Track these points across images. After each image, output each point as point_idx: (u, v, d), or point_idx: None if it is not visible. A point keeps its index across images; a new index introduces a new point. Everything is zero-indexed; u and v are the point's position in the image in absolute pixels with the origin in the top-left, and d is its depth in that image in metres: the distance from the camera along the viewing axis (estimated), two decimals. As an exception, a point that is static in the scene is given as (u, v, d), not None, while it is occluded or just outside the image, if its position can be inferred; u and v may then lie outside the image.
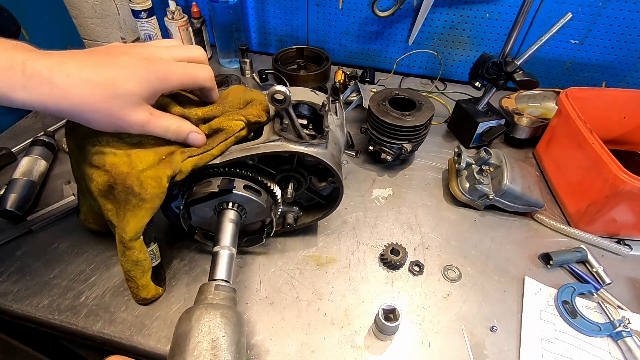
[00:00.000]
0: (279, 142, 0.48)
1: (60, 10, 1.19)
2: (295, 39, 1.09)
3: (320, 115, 0.54)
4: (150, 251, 0.50)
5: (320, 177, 0.55)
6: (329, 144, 0.51)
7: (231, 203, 0.49)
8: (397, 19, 0.97)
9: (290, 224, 0.59)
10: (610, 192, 0.57)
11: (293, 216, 0.60)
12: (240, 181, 0.49)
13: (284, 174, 0.54)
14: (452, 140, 0.85)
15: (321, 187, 0.56)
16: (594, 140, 0.60)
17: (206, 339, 0.33)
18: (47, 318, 0.51)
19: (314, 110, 0.55)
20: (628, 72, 0.92)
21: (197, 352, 0.32)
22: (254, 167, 0.51)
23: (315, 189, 0.58)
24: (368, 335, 0.51)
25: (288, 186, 0.54)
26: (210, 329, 0.34)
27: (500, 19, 0.91)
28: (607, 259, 0.62)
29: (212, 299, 0.38)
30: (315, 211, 0.61)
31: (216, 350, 0.33)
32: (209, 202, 0.49)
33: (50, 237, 0.61)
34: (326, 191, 0.59)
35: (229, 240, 0.46)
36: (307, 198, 0.61)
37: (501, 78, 0.72)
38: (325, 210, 0.60)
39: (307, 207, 0.62)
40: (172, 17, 1.02)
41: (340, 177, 0.52)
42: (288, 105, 0.45)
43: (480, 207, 0.68)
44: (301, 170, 0.54)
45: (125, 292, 0.54)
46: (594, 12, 0.85)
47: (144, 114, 0.43)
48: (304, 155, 0.50)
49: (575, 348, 0.50)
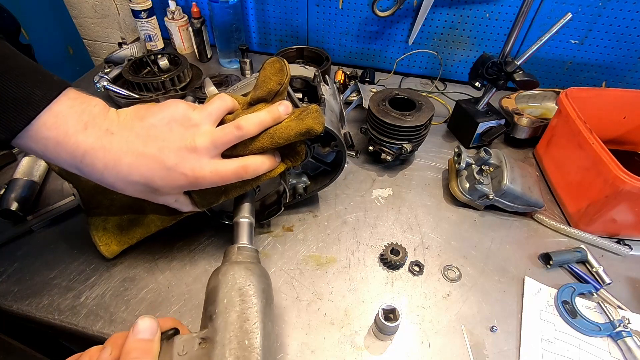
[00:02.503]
0: None
1: (60, 10, 1.19)
2: (295, 39, 1.09)
3: (313, 87, 0.57)
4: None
5: (323, 143, 0.58)
6: (327, 111, 0.54)
7: None
8: (397, 19, 0.97)
9: (301, 194, 0.64)
10: (610, 192, 0.57)
11: (302, 186, 0.64)
12: None
13: None
14: (452, 141, 0.85)
15: (325, 153, 0.59)
16: (593, 140, 0.60)
17: (234, 288, 0.36)
18: (47, 318, 0.51)
19: (306, 83, 0.58)
20: (628, 72, 0.92)
21: (226, 300, 0.35)
22: None
23: (319, 157, 0.62)
24: (368, 335, 0.51)
25: None
26: (236, 280, 0.37)
27: (500, 19, 0.91)
28: (607, 259, 0.62)
29: (236, 258, 0.41)
30: (322, 178, 0.65)
31: (244, 297, 0.36)
32: None
33: (50, 237, 0.61)
34: (330, 157, 0.63)
35: (247, 211, 0.49)
36: (313, 167, 0.64)
37: (501, 78, 0.72)
38: (332, 175, 0.64)
39: (314, 176, 0.66)
40: (172, 17, 1.02)
41: (342, 140, 0.56)
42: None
43: (480, 207, 0.68)
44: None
45: (125, 293, 0.54)
46: (594, 12, 0.85)
47: (169, 200, 0.47)
48: None
49: (575, 348, 0.50)
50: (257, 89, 0.48)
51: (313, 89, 0.58)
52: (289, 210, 0.66)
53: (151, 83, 0.86)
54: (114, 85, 0.86)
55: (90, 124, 0.39)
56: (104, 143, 0.39)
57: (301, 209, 0.67)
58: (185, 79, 0.92)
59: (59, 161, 0.39)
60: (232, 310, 0.34)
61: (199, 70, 0.98)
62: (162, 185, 0.42)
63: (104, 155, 0.39)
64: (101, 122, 0.40)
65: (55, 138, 0.37)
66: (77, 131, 0.38)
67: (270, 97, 0.47)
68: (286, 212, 0.66)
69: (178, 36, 1.06)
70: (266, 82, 0.47)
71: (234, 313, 0.34)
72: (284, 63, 0.47)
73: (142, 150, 0.40)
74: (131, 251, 0.58)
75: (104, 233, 0.56)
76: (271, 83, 0.47)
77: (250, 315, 0.34)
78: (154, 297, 0.54)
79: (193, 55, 1.09)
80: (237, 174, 0.45)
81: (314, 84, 0.57)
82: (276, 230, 0.64)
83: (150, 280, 0.56)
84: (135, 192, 0.43)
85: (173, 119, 0.42)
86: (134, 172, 0.41)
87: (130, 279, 0.56)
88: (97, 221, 0.56)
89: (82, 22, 1.27)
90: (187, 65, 0.93)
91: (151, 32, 1.06)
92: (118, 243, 0.56)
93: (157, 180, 0.42)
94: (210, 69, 1.05)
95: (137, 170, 0.41)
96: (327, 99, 0.57)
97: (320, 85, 0.56)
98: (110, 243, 0.56)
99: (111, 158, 0.39)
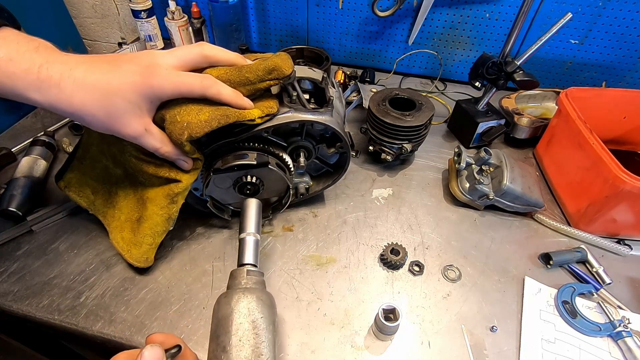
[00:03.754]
0: (290, 113, 0.52)
1: (61, 10, 1.19)
2: (295, 38, 1.09)
3: (321, 89, 0.58)
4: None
5: (328, 144, 0.60)
6: (334, 113, 0.56)
7: (255, 177, 0.54)
8: (397, 19, 0.97)
9: (303, 193, 0.64)
10: (610, 192, 0.57)
11: (304, 186, 0.65)
12: (271, 158, 0.55)
13: (294, 145, 0.58)
14: (452, 140, 0.85)
15: (330, 154, 0.61)
16: (594, 140, 0.60)
17: (247, 320, 0.37)
18: (47, 318, 0.51)
19: (314, 85, 0.59)
20: (628, 72, 0.92)
21: (240, 332, 0.36)
22: (267, 140, 0.55)
23: (323, 158, 0.63)
24: (368, 335, 0.51)
25: (299, 156, 0.58)
26: (249, 311, 0.38)
27: (500, 19, 0.91)
28: (607, 259, 0.62)
29: (246, 284, 0.42)
30: (325, 179, 0.67)
31: (257, 330, 0.37)
32: (232, 174, 0.54)
33: (50, 237, 0.61)
34: (333, 159, 0.65)
35: (253, 227, 0.49)
36: (316, 168, 0.66)
37: (501, 78, 0.72)
38: (334, 176, 0.65)
39: (316, 176, 0.67)
40: (172, 17, 1.02)
41: (347, 142, 0.58)
42: (294, 79, 0.50)
43: (480, 207, 0.68)
44: (310, 140, 0.58)
45: (125, 293, 0.54)
46: (594, 12, 0.85)
47: (138, 127, 0.44)
48: (313, 124, 0.54)
49: (575, 348, 0.50)
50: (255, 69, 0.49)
51: (320, 90, 0.58)
52: (288, 210, 0.66)
53: (151, 83, 0.86)
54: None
55: (42, 45, 0.40)
56: (57, 57, 0.40)
57: (301, 209, 0.67)
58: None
59: (14, 84, 0.39)
60: (247, 343, 0.36)
61: (199, 70, 0.98)
62: (119, 87, 0.42)
63: (60, 67, 0.40)
64: (52, 46, 0.41)
65: (8, 55, 0.38)
66: (29, 49, 0.39)
67: (256, 82, 0.49)
68: (286, 211, 0.66)
69: (178, 36, 1.06)
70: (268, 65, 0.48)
71: (249, 347, 0.36)
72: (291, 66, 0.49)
73: (99, 61, 0.42)
74: (131, 251, 0.59)
75: (78, 176, 0.58)
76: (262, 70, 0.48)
77: (263, 350, 0.36)
78: (153, 297, 0.54)
79: (193, 55, 1.09)
80: (200, 83, 0.45)
81: (322, 86, 0.57)
82: (276, 230, 0.64)
83: (150, 280, 0.56)
84: (99, 108, 0.42)
85: (138, 54, 0.45)
86: (89, 75, 0.41)
87: (130, 279, 0.56)
88: (115, 232, 0.57)
89: (82, 22, 1.27)
90: (187, 65, 0.93)
91: (151, 32, 1.06)
92: (76, 193, 0.58)
93: (114, 82, 0.42)
94: (210, 69, 1.05)
95: (92, 74, 0.41)
96: (334, 102, 0.58)
97: (328, 87, 0.57)
98: (130, 249, 0.55)
99: (67, 67, 0.40)
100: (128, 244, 0.55)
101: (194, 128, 0.45)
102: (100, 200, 0.59)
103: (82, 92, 0.41)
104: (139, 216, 0.55)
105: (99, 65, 0.42)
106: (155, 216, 0.53)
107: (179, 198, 0.52)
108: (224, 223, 0.64)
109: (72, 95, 0.40)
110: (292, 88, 0.52)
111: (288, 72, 0.48)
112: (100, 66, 0.42)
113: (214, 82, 0.46)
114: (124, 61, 0.43)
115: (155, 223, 0.53)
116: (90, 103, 0.41)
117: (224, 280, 0.56)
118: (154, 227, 0.53)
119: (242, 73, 0.48)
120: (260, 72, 0.48)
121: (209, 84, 0.46)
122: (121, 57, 0.44)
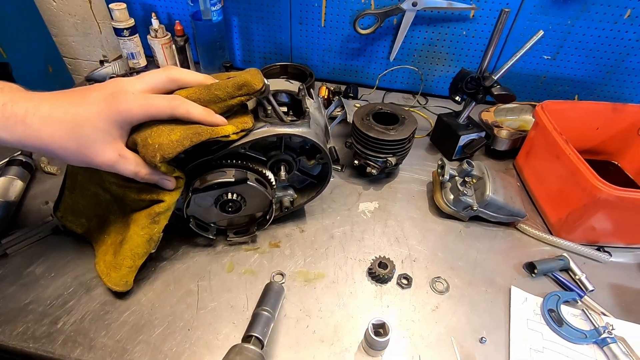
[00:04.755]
0: (266, 127, 0.52)
1: (40, 28, 1.17)
2: (279, 55, 1.10)
3: (298, 101, 0.58)
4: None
5: (308, 156, 0.60)
6: (312, 124, 0.55)
7: (236, 194, 0.54)
8: (378, 36, 0.99)
9: (288, 207, 0.64)
10: (588, 201, 0.59)
11: (289, 199, 0.64)
12: (250, 174, 0.54)
13: (274, 159, 0.58)
14: (435, 153, 0.86)
15: (311, 166, 0.61)
16: (570, 151, 0.62)
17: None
18: (21, 346, 0.49)
19: (291, 97, 0.60)
20: (598, 86, 0.96)
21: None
22: (245, 155, 0.54)
23: (305, 170, 0.63)
24: (358, 351, 0.50)
25: (280, 170, 0.58)
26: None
27: (477, 36, 0.95)
28: (588, 266, 0.63)
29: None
30: (309, 191, 0.66)
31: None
32: (212, 192, 0.53)
33: (26, 260, 0.58)
34: (316, 170, 0.65)
35: (271, 306, 0.49)
36: (300, 180, 0.66)
37: (480, 92, 0.75)
38: (318, 188, 0.65)
39: (300, 189, 0.66)
40: (155, 35, 1.02)
41: (327, 152, 0.57)
42: (268, 93, 0.50)
43: (465, 218, 0.69)
44: (290, 153, 0.58)
45: (106, 316, 0.52)
46: (563, 30, 0.89)
47: (111, 154, 0.44)
48: (291, 137, 0.54)
49: (563, 357, 0.51)
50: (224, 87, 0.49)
51: (298, 102, 0.59)
52: (275, 226, 0.66)
53: (134, 100, 0.85)
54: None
55: (6, 87, 0.41)
56: (22, 95, 0.41)
57: (287, 224, 0.67)
58: (169, 96, 0.92)
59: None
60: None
61: (183, 87, 0.97)
62: (86, 117, 0.41)
63: (25, 104, 0.40)
64: (18, 87, 0.42)
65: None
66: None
67: (226, 99, 0.49)
68: (272, 227, 0.65)
69: (161, 54, 1.06)
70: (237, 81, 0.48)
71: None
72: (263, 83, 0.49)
73: (65, 95, 0.43)
74: (112, 273, 0.57)
75: (71, 207, 0.57)
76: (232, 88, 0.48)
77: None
78: (136, 319, 0.52)
79: (176, 73, 1.09)
80: (168, 103, 0.45)
81: (299, 98, 0.58)
82: (262, 246, 0.63)
83: (132, 302, 0.54)
84: (68, 140, 0.41)
85: (104, 83, 0.45)
86: (56, 109, 0.41)
87: (110, 302, 0.54)
88: (99, 256, 0.56)
89: (63, 41, 1.26)
90: (170, 82, 0.92)
91: (134, 49, 1.06)
92: (73, 223, 0.58)
93: (82, 112, 0.41)
94: (194, 86, 1.05)
95: (59, 108, 0.41)
96: (312, 112, 0.58)
97: (304, 98, 0.57)
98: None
99: (32, 104, 0.40)
100: (108, 267, 0.53)
101: (166, 149, 0.44)
102: (94, 226, 0.58)
103: (50, 126, 0.41)
104: (122, 238, 0.53)
105: (65, 99, 0.42)
106: (135, 237, 0.51)
107: (162, 218, 0.51)
108: (209, 241, 0.63)
109: (40, 130, 0.40)
110: (267, 102, 0.52)
111: (258, 87, 0.48)
112: (66, 100, 0.42)
113: (182, 101, 0.46)
114: (89, 91, 0.44)
115: (135, 244, 0.51)
116: (59, 135, 0.41)
117: (209, 300, 0.55)
118: (134, 249, 0.51)
119: (211, 91, 0.48)
120: (229, 88, 0.48)
121: (177, 104, 0.45)
122: (87, 88, 0.45)
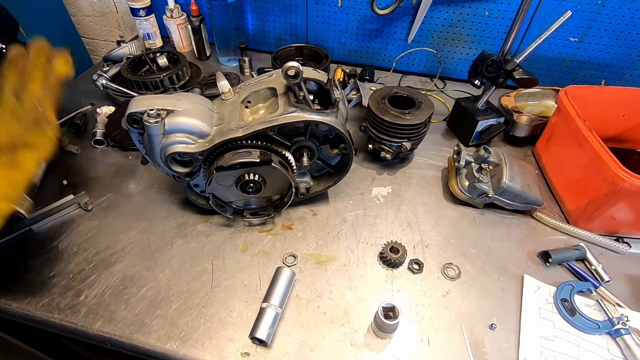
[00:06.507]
0: (296, 113, 0.52)
1: (59, 8, 1.19)
2: (294, 37, 1.08)
3: (325, 91, 0.59)
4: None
5: (332, 145, 0.60)
6: (338, 115, 0.56)
7: (258, 175, 0.55)
8: (397, 17, 0.97)
9: (304, 193, 0.65)
10: (609, 190, 0.58)
11: (305, 186, 0.65)
12: (274, 156, 0.55)
13: (298, 145, 0.58)
14: (452, 139, 0.85)
15: (333, 155, 0.62)
16: (593, 138, 0.60)
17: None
18: (47, 317, 0.52)
19: (319, 86, 0.60)
20: (627, 70, 0.92)
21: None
22: (271, 138, 0.55)
23: (325, 159, 0.64)
24: (368, 333, 0.51)
25: (302, 156, 0.58)
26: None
27: (499, 17, 0.91)
28: (606, 257, 0.62)
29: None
30: (326, 180, 0.67)
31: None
32: (235, 171, 0.54)
33: (49, 235, 0.61)
34: (335, 160, 0.65)
35: (278, 300, 0.51)
36: (317, 168, 0.66)
37: (500, 76, 0.72)
38: (335, 177, 0.65)
39: (317, 177, 0.68)
40: (171, 15, 1.02)
41: (351, 144, 0.58)
42: (300, 80, 0.50)
43: (479, 205, 0.68)
44: (313, 140, 0.58)
45: (125, 291, 0.54)
46: (593, 10, 0.84)
47: None
48: (318, 124, 0.54)
49: (574, 345, 0.51)
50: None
51: (325, 92, 0.59)
52: (288, 209, 0.66)
53: (150, 81, 0.86)
54: (112, 84, 0.86)
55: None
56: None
57: (300, 207, 0.67)
58: (184, 77, 0.92)
59: None
60: None
61: (198, 68, 0.97)
62: None
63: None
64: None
65: None
66: None
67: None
68: (285, 210, 0.66)
69: (177, 34, 1.06)
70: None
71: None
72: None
73: None
74: (130, 249, 0.59)
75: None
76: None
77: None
78: (153, 295, 0.54)
79: (192, 54, 1.09)
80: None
81: (327, 88, 0.58)
82: (275, 228, 0.64)
83: (150, 279, 0.56)
84: None
85: None
86: None
87: (129, 278, 0.56)
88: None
89: (81, 20, 1.27)
90: (185, 63, 0.92)
91: (150, 30, 1.06)
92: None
93: None
94: (209, 67, 1.05)
95: None
96: (339, 104, 0.58)
97: (333, 89, 0.58)
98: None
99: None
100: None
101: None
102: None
103: None
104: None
105: None
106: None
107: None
108: (225, 221, 0.64)
109: None
110: (299, 88, 0.52)
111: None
112: None
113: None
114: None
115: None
116: None
117: (223, 278, 0.56)
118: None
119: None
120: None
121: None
122: None
